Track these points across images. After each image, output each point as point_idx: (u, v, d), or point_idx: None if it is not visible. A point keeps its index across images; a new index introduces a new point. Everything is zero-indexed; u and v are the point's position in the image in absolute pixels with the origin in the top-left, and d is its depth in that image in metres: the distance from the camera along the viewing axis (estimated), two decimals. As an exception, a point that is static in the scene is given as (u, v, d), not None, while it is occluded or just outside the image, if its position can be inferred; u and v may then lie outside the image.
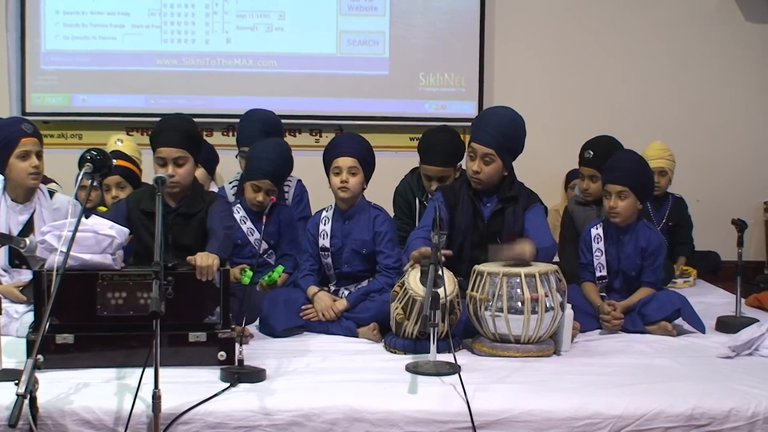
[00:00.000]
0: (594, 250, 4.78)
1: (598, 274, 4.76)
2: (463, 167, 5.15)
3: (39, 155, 4.47)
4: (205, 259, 3.84)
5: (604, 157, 4.98)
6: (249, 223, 5.00)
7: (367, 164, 4.68)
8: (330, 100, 7.42)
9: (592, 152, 5.24)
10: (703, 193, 7.28)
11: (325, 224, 4.71)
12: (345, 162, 4.62)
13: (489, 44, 7.46)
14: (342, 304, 4.51)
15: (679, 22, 7.56)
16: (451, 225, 4.57)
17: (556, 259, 4.91)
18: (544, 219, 4.65)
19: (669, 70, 7.57)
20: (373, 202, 4.79)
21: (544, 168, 6.84)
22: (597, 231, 4.81)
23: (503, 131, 4.54)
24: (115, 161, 5.00)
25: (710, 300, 5.41)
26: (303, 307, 4.54)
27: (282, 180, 5.09)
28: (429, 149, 5.26)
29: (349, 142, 4.78)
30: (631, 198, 4.66)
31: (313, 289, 4.60)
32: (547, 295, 4.02)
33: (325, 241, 4.69)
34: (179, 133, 4.40)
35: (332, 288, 4.70)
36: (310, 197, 5.68)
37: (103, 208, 5.37)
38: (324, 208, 4.80)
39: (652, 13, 7.54)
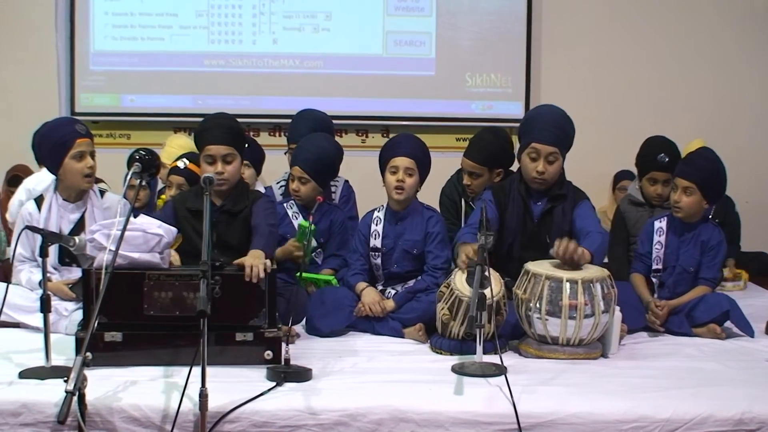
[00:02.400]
0: (654, 243, 4.75)
1: (654, 266, 4.73)
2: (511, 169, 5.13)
3: (93, 155, 4.49)
4: (254, 259, 3.85)
5: (677, 161, 4.89)
6: (300, 220, 4.98)
7: (423, 167, 4.67)
8: (376, 100, 7.45)
9: (667, 157, 5.08)
10: (752, 194, 7.19)
11: (376, 224, 4.71)
12: (403, 162, 4.60)
13: (535, 44, 7.45)
14: (389, 305, 4.50)
15: (724, 22, 7.50)
16: (500, 225, 4.53)
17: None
18: (594, 214, 4.58)
19: (714, 71, 7.51)
20: (425, 204, 4.78)
21: (590, 169, 6.75)
22: (660, 224, 4.78)
23: (562, 128, 4.52)
24: (187, 163, 5.08)
25: (759, 303, 5.32)
26: (354, 312, 4.51)
27: (319, 171, 4.97)
28: (471, 142, 5.29)
29: (409, 142, 4.76)
30: (696, 195, 4.59)
31: (362, 285, 4.60)
32: (587, 304, 3.95)
33: (376, 242, 4.69)
34: (227, 130, 4.42)
35: (380, 288, 4.69)
36: (357, 197, 5.68)
37: (163, 198, 5.39)
38: (375, 208, 4.79)
39: (698, 14, 7.49)
